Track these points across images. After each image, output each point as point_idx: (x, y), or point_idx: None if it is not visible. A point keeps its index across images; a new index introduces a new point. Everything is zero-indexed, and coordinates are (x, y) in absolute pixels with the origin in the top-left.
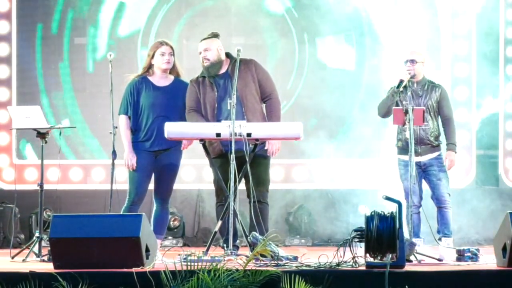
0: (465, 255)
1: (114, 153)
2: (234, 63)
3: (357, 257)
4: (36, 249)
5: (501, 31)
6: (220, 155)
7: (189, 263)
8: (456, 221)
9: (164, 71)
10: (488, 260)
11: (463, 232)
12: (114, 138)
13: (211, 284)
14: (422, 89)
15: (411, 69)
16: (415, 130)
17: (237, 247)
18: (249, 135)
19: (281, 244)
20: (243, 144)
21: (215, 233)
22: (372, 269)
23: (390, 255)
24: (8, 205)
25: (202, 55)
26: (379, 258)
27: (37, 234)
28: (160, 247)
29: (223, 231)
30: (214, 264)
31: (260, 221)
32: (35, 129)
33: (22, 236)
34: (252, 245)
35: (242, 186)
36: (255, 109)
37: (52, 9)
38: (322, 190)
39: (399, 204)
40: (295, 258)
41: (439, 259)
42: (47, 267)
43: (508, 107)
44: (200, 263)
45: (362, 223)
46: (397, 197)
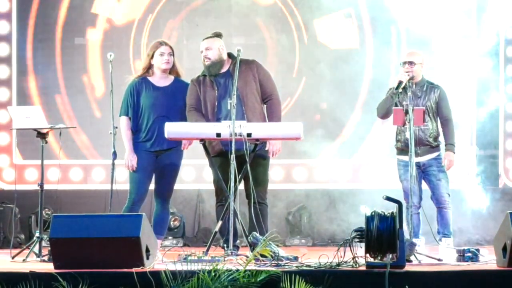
0: (465, 255)
1: (114, 153)
2: (236, 63)
3: (357, 257)
4: (36, 249)
5: (501, 31)
6: (219, 153)
7: (189, 263)
8: (456, 221)
9: (163, 71)
10: (488, 260)
11: (463, 232)
12: (114, 138)
13: (211, 284)
14: (421, 90)
15: (409, 71)
16: (414, 131)
17: (237, 247)
18: (249, 135)
19: (281, 244)
20: (243, 144)
21: (215, 233)
22: (372, 269)
23: (390, 255)
24: (8, 205)
25: (204, 54)
26: (379, 258)
27: (37, 234)
28: (160, 247)
29: (223, 231)
30: (214, 264)
31: (260, 221)
32: (35, 129)
33: (22, 236)
34: (252, 245)
35: (241, 187)
36: (255, 108)
37: (52, 9)
38: (322, 190)
39: (399, 204)
40: (295, 258)
41: (439, 259)
42: (47, 267)
43: (508, 107)
44: (200, 263)
45: (362, 223)
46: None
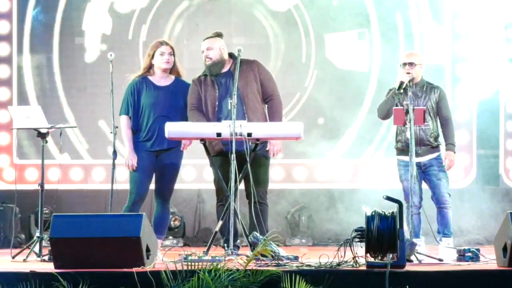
0: (466, 255)
1: (115, 153)
2: (237, 63)
3: (357, 257)
4: (36, 249)
5: (501, 31)
6: (220, 153)
7: (189, 263)
8: (457, 221)
9: (164, 71)
10: (488, 260)
11: (463, 232)
12: (115, 138)
13: (212, 284)
14: (421, 90)
15: (410, 72)
16: (415, 131)
17: (237, 247)
18: (249, 135)
19: (281, 244)
20: (243, 144)
21: (215, 233)
22: (372, 269)
23: (391, 255)
24: (8, 205)
25: (205, 53)
26: (379, 258)
27: (37, 234)
28: (160, 247)
29: (223, 231)
30: (215, 264)
31: (260, 221)
32: (35, 129)
33: (23, 236)
34: (252, 245)
35: (241, 187)
36: (256, 108)
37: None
38: (322, 190)
39: (400, 204)
40: (295, 258)
41: (440, 259)
42: (47, 267)
43: (508, 107)
44: (200, 263)
45: (362, 223)
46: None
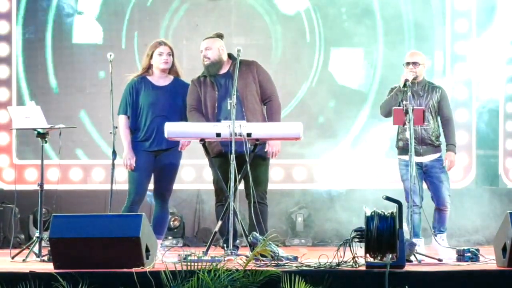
0: (465, 255)
1: (114, 153)
2: (236, 63)
3: (357, 257)
4: (36, 249)
5: (501, 31)
6: (219, 154)
7: (189, 263)
8: (456, 221)
9: (162, 71)
10: (488, 260)
11: (463, 232)
12: (114, 138)
13: (211, 284)
14: (423, 89)
15: (414, 71)
16: (416, 130)
17: (237, 247)
18: (249, 135)
19: (281, 244)
20: (242, 146)
21: (215, 233)
22: (372, 269)
23: (390, 255)
24: (8, 205)
25: (203, 53)
26: (379, 258)
27: (37, 234)
28: (160, 247)
29: (223, 231)
30: (214, 264)
31: (260, 221)
32: (35, 129)
33: (22, 236)
34: (252, 245)
35: (241, 187)
36: (255, 109)
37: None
38: (322, 190)
39: (399, 204)
40: (295, 258)
41: (439, 259)
42: (47, 267)
43: (508, 107)
44: (200, 263)
45: (362, 223)
46: (397, 197)
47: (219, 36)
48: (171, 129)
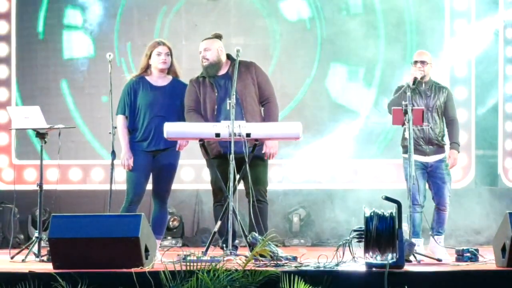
0: (464, 255)
1: (113, 153)
2: (235, 64)
3: (356, 257)
4: (35, 249)
5: (500, 31)
6: (218, 155)
7: (188, 263)
8: (455, 221)
9: (161, 71)
10: (487, 260)
11: (462, 232)
12: (114, 139)
13: (211, 284)
14: (430, 89)
15: (422, 70)
16: (425, 130)
17: (236, 247)
18: (248, 135)
19: (280, 244)
20: (241, 147)
21: (214, 233)
22: (371, 269)
23: (390, 255)
24: (7, 205)
25: (202, 54)
26: (378, 258)
27: (36, 234)
28: (159, 247)
29: (222, 231)
30: (213, 264)
31: (259, 220)
32: (34, 129)
33: (22, 236)
34: (251, 245)
35: (240, 186)
36: (254, 111)
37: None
38: (322, 190)
39: (399, 204)
40: (294, 258)
41: (438, 259)
42: (46, 267)
43: (507, 107)
44: (199, 263)
45: (361, 223)
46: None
47: (218, 36)
48: (171, 129)
